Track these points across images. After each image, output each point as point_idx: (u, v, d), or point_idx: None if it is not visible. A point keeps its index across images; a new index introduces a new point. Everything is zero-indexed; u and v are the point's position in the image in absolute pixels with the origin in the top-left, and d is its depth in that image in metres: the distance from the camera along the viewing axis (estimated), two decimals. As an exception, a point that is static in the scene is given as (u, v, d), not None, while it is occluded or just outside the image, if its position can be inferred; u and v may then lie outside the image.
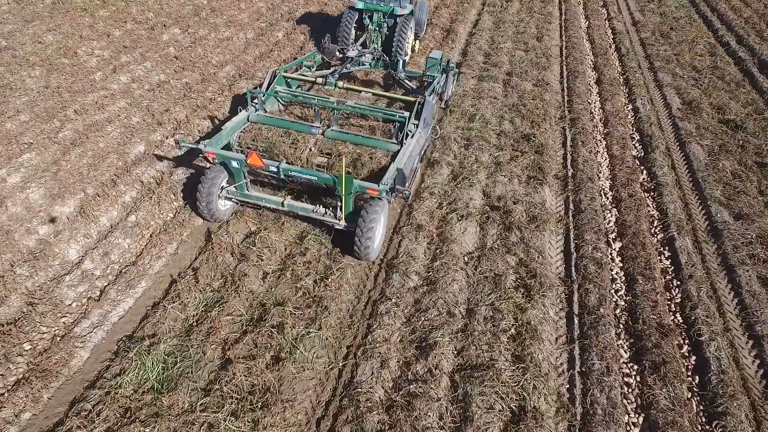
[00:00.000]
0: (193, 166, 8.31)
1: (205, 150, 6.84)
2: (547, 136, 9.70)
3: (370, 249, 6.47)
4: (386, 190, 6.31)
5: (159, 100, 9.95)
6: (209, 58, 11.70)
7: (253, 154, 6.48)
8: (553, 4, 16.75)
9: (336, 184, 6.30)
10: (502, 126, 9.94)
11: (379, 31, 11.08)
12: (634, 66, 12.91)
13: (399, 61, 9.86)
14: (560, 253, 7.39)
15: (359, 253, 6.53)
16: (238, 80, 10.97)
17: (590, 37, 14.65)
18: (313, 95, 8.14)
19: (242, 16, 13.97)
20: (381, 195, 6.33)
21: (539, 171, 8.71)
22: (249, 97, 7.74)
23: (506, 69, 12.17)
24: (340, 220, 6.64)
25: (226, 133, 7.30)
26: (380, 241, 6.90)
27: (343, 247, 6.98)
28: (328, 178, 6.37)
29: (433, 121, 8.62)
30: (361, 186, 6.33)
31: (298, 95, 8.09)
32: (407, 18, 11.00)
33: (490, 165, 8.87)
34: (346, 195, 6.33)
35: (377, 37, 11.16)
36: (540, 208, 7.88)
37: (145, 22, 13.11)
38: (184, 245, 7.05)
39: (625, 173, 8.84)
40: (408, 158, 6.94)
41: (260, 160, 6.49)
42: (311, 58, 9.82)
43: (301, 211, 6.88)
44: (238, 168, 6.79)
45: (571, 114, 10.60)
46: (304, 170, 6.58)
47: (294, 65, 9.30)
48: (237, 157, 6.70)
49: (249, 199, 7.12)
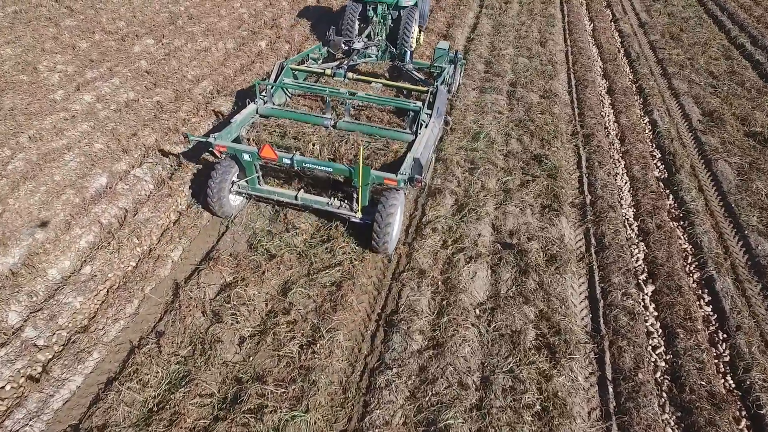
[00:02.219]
0: (159, 205, 7.26)
1: (216, 143, 6.50)
2: (560, 156, 8.73)
3: (388, 241, 6.29)
4: (404, 180, 6.07)
5: (126, 123, 8.88)
6: (184, 71, 10.63)
7: (266, 146, 6.21)
8: (554, 6, 15.78)
9: (352, 175, 6.04)
10: (509, 145, 8.95)
11: (384, 23, 10.85)
12: (646, 72, 11.96)
13: (406, 52, 9.56)
14: (584, 299, 6.43)
15: (377, 245, 6.35)
16: (216, 97, 9.91)
17: (597, 40, 13.69)
18: (324, 86, 8.00)
19: (222, 23, 12.89)
20: (399, 185, 6.09)
21: (554, 198, 7.73)
22: (257, 88, 7.57)
23: (509, 78, 11.19)
24: (356, 213, 6.46)
25: (236, 126, 7.01)
26: (398, 233, 6.75)
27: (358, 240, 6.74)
28: (344, 168, 6.12)
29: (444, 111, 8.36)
30: (378, 176, 6.09)
31: (308, 86, 7.96)
32: (412, 9, 10.60)
33: (499, 192, 7.88)
34: (363, 186, 6.11)
35: (382, 30, 10.89)
36: (558, 245, 6.91)
37: (115, 32, 12.00)
38: (147, 303, 6.01)
39: (649, 199, 7.87)
40: (424, 148, 6.74)
41: (273, 152, 6.23)
42: (317, 50, 9.58)
43: (316, 204, 6.71)
44: (250, 161, 6.55)
45: (583, 129, 9.63)
46: (319, 162, 6.31)
47: (300, 58, 9.00)
48: (249, 149, 6.47)
49: (261, 193, 6.94)
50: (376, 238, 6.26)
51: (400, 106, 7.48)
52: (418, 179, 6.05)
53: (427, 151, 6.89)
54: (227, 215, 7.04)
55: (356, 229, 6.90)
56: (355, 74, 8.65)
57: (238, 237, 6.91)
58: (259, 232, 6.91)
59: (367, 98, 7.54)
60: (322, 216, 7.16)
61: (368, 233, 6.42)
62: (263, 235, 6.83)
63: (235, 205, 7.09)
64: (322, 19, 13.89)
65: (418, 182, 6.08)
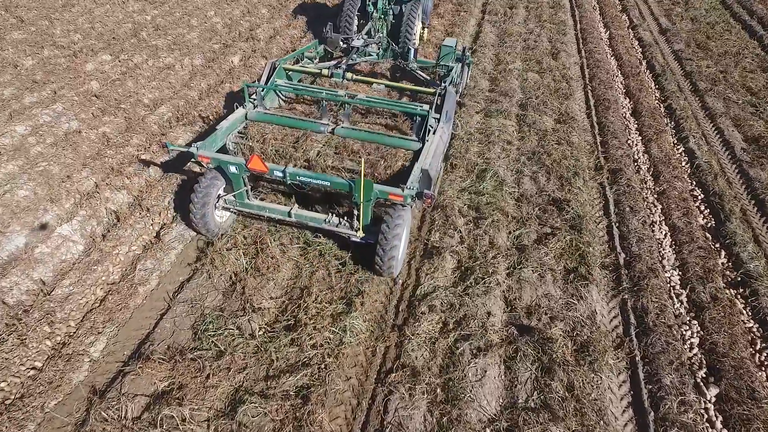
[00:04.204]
0: (84, 277, 5.75)
1: (198, 154, 5.84)
2: (583, 199, 7.23)
3: (394, 264, 5.60)
4: (411, 196, 5.38)
5: (62, 161, 7.38)
6: (141, 95, 9.12)
7: (255, 157, 5.56)
8: (564, 11, 14.27)
9: (352, 189, 5.43)
10: (521, 186, 7.45)
11: (384, 20, 10.20)
12: (673, 89, 10.45)
13: (410, 50, 8.81)
14: (628, 408, 4.93)
15: (381, 268, 5.65)
16: (174, 126, 8.41)
17: (615, 51, 12.17)
18: (321, 88, 7.30)
19: (191, 35, 11.38)
20: (406, 201, 5.42)
21: (580, 260, 6.24)
22: (246, 91, 6.82)
23: (518, 99, 9.69)
24: (357, 231, 5.78)
25: (221, 134, 6.35)
26: (403, 254, 6.06)
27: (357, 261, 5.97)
28: (343, 183, 5.49)
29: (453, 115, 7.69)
30: (382, 192, 5.44)
31: (303, 89, 7.36)
32: (415, 4, 9.94)
33: (511, 251, 6.38)
34: (365, 202, 5.47)
35: (382, 26, 10.25)
36: (590, 327, 5.42)
37: (67, 47, 10.50)
38: (49, 426, 4.51)
39: (697, 258, 6.38)
40: (432, 157, 6.04)
41: (263, 164, 5.59)
42: (312, 48, 8.97)
43: (311, 222, 6.01)
44: (237, 174, 5.88)
45: (608, 163, 8.13)
46: (315, 174, 5.67)
47: (294, 57, 8.32)
48: (235, 161, 5.81)
49: (250, 209, 6.23)
50: (381, 260, 5.57)
51: (405, 111, 6.88)
52: (427, 195, 5.34)
53: (436, 160, 6.19)
54: (213, 233, 6.25)
55: (335, 297, 5.43)
56: (355, 75, 7.90)
57: (180, 321, 5.40)
58: (209, 314, 5.42)
59: (369, 102, 6.85)
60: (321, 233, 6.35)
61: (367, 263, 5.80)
62: (212, 319, 5.33)
63: (221, 222, 6.34)
64: (313, 23, 12.40)
65: (428, 198, 5.37)
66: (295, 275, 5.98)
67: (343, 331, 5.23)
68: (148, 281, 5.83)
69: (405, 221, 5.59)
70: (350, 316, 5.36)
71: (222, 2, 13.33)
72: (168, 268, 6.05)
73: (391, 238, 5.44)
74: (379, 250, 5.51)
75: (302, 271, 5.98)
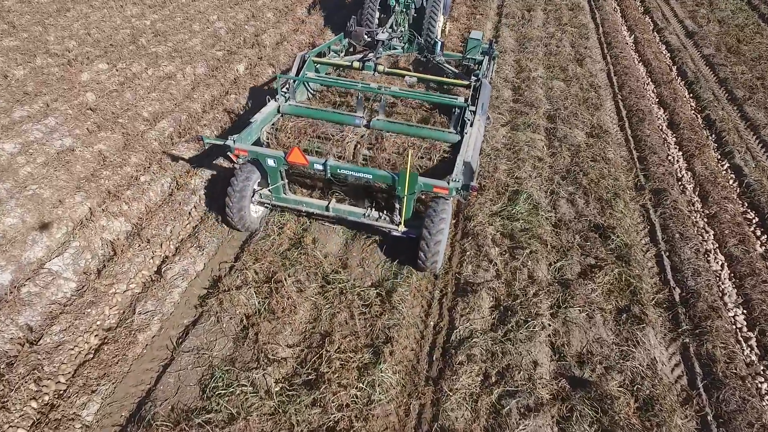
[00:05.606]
0: (77, 322, 5.08)
1: (235, 147, 5.75)
2: (626, 223, 6.57)
3: (438, 258, 5.52)
4: (456, 188, 5.30)
5: (54, 183, 6.72)
6: (140, 107, 8.46)
7: (295, 149, 5.45)
8: (584, 13, 13.60)
9: (396, 182, 5.36)
10: (558, 209, 6.79)
11: (406, 12, 10.07)
12: (709, 98, 9.79)
13: (437, 43, 8.85)
14: (704, 480, 4.27)
15: (425, 263, 5.52)
16: (176, 143, 7.76)
17: (642, 56, 11.50)
18: (356, 81, 7.15)
19: (193, 41, 10.72)
20: (451, 194, 5.34)
21: (631, 296, 5.58)
22: (279, 83, 6.78)
23: (545, 110, 9.02)
24: (398, 226, 5.70)
25: (256, 127, 6.28)
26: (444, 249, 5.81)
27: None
28: (386, 175, 5.43)
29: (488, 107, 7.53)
30: (427, 184, 5.36)
31: (336, 81, 7.18)
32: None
33: (554, 286, 5.72)
34: (409, 195, 5.39)
35: (404, 19, 10.11)
36: (651, 379, 4.76)
37: (62, 55, 9.83)
38: None
39: (762, 293, 5.71)
40: (473, 150, 6.02)
41: (303, 157, 5.49)
42: (338, 41, 8.84)
43: (351, 216, 5.93)
44: (275, 167, 5.79)
45: (650, 182, 7.47)
46: (356, 167, 5.58)
47: (321, 50, 8.12)
48: (274, 154, 5.71)
49: (287, 204, 6.17)
50: (424, 255, 5.44)
51: (443, 103, 6.73)
52: (473, 187, 5.26)
53: (476, 153, 6.19)
54: (249, 229, 6.22)
55: (359, 346, 4.77)
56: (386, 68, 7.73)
57: (186, 375, 4.74)
58: (218, 367, 4.75)
59: (407, 94, 6.79)
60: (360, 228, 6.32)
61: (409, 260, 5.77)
62: (222, 374, 4.67)
63: (256, 217, 6.28)
64: (321, 28, 11.74)
65: (474, 190, 5.30)
66: (314, 317, 5.32)
67: (372, 386, 4.57)
68: (149, 326, 5.16)
69: (449, 214, 5.54)
70: (379, 368, 4.70)
71: (225, 6, 12.67)
72: (171, 310, 5.39)
73: (435, 232, 5.33)
74: (423, 245, 5.38)
75: (322, 312, 5.32)
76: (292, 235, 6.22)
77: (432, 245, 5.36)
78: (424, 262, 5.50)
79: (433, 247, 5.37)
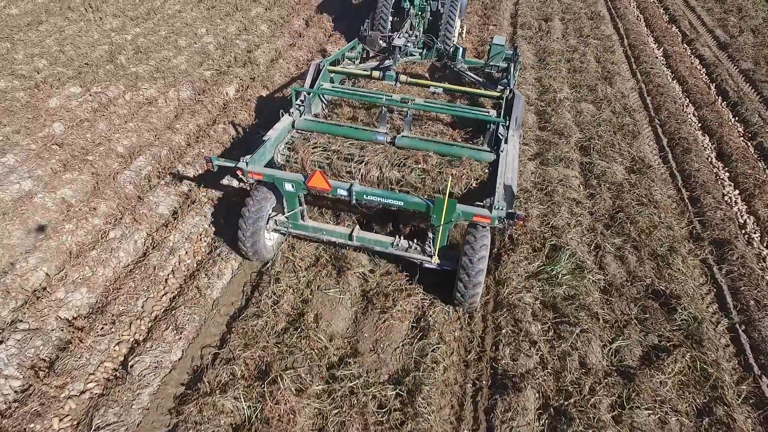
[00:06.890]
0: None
1: (248, 170, 5.15)
2: (689, 287, 5.50)
3: (478, 291, 4.93)
4: (500, 217, 4.67)
5: (5, 242, 5.64)
6: (114, 140, 7.36)
7: (317, 173, 4.88)
8: (606, 23, 12.51)
9: (431, 210, 4.77)
10: (605, 268, 5.72)
11: (422, 16, 9.44)
12: (758, 122, 8.73)
13: (459, 49, 8.04)
14: None
15: (464, 298, 4.95)
16: (154, 187, 6.66)
17: (675, 72, 10.43)
18: (378, 92, 6.44)
19: (178, 59, 9.61)
20: (493, 223, 4.72)
21: (711, 391, 4.51)
22: (293, 95, 6.20)
23: (577, 139, 7.96)
24: (432, 257, 5.11)
25: (270, 146, 5.62)
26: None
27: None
28: (420, 202, 4.86)
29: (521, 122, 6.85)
30: (466, 213, 4.75)
31: (356, 93, 6.40)
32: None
33: (613, 378, 4.64)
34: (445, 224, 4.79)
35: (419, 23, 9.43)
36: None
37: (29, 77, 8.73)
38: None
39: None
40: (512, 172, 5.37)
41: (326, 182, 4.89)
42: (353, 47, 8.17)
43: (377, 246, 5.44)
44: (294, 192, 5.23)
45: (707, 230, 6.40)
46: (386, 193, 5.01)
47: (335, 58, 7.40)
48: (293, 178, 5.14)
49: (306, 232, 5.66)
50: (464, 287, 4.88)
51: (476, 117, 5.99)
52: (519, 216, 4.62)
53: (515, 175, 5.45)
54: (263, 258, 5.67)
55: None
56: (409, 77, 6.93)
57: None
58: (195, 508, 3.67)
59: (434, 108, 6.09)
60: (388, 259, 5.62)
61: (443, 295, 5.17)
62: None
63: (271, 245, 5.74)
64: (320, 42, 10.64)
65: (520, 220, 4.65)
66: (319, 427, 4.24)
67: None
68: (109, 447, 4.08)
69: (488, 242, 4.95)
70: (403, 507, 3.63)
71: (215, 17, 11.56)
72: (139, 420, 4.29)
73: (476, 262, 4.79)
74: (464, 276, 4.83)
75: (328, 421, 4.24)
76: (290, 310, 5.14)
77: (474, 275, 4.80)
78: (463, 295, 4.93)
79: (474, 278, 4.81)
